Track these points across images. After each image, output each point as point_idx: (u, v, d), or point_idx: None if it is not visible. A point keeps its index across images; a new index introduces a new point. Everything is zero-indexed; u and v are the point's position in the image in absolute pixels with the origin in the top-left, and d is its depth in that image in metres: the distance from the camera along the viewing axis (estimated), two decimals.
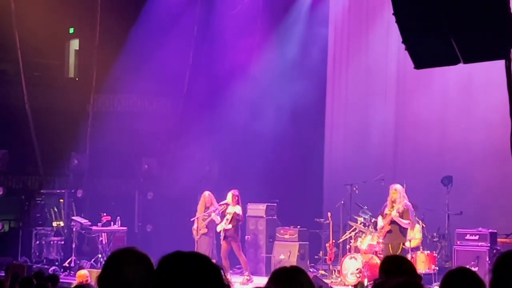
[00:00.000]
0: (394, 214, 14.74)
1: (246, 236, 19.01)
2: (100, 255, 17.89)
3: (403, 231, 14.93)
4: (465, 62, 9.35)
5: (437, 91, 19.23)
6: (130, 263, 3.46)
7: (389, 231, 14.99)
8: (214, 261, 2.84)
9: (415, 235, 16.03)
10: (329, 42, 21.54)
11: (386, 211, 15.03)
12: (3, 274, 11.14)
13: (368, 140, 20.22)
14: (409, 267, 5.26)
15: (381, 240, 15.54)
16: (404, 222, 14.77)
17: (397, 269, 5.01)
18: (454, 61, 9.28)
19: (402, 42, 9.78)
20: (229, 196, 16.75)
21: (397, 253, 14.36)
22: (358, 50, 21.00)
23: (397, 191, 14.96)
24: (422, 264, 15.36)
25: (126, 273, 3.42)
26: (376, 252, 15.70)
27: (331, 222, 17.63)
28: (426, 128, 19.32)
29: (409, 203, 14.94)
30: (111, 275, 3.46)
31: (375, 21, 20.38)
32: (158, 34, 20.57)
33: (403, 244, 14.95)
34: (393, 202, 14.91)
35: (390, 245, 14.86)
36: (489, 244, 15.74)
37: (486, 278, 4.18)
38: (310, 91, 20.68)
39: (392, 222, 14.85)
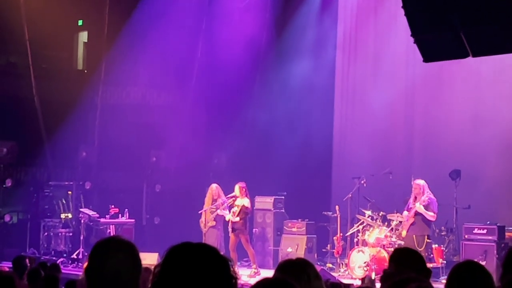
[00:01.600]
0: (418, 206, 14.90)
1: (254, 229, 19.03)
2: None
3: (427, 222, 15.08)
4: (474, 55, 9.35)
5: (446, 85, 19.19)
6: (115, 252, 3.47)
7: (413, 223, 15.15)
8: (222, 253, 2.84)
9: None
10: (338, 34, 21.48)
11: (411, 205, 15.20)
12: (11, 266, 11.16)
13: (376, 134, 20.19)
14: (419, 260, 5.24)
15: (388, 234, 15.61)
16: (429, 214, 14.94)
17: (407, 261, 5.00)
18: (463, 55, 9.27)
19: (411, 35, 9.78)
20: (237, 188, 16.77)
21: (422, 245, 14.58)
22: (366, 43, 20.96)
23: (418, 185, 15.14)
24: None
25: (110, 262, 3.43)
26: (383, 245, 15.72)
27: (338, 216, 17.63)
28: (435, 121, 19.28)
29: (433, 197, 15.08)
30: (96, 265, 3.48)
31: (383, 12, 20.33)
32: (166, 26, 20.54)
33: (428, 237, 15.04)
34: (416, 196, 15.09)
35: (414, 237, 14.96)
36: (497, 238, 15.74)
37: (494, 272, 4.17)
38: (318, 84, 20.67)
39: (416, 214, 15.03)
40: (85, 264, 3.61)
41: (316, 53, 21.10)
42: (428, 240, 15.07)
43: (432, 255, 15.44)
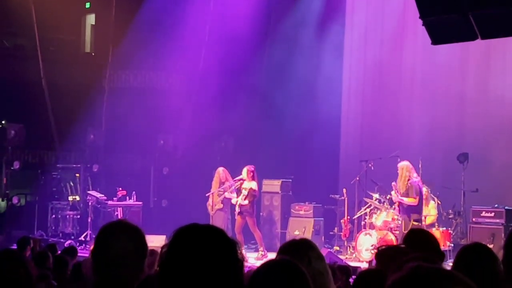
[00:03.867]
0: (394, 195, 14.79)
1: (261, 213, 19.05)
2: None
3: (409, 207, 14.79)
4: (483, 38, 9.32)
5: (455, 68, 19.11)
6: (120, 235, 3.54)
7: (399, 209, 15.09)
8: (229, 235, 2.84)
9: (430, 212, 16.00)
10: (346, 17, 21.39)
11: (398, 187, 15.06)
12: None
13: (384, 117, 20.16)
14: (433, 242, 5.22)
15: (396, 217, 15.59)
16: (405, 201, 14.69)
17: (420, 243, 4.97)
18: (471, 37, 9.24)
19: (420, 17, 9.74)
20: (244, 171, 16.76)
21: (407, 228, 14.35)
22: (375, 24, 20.87)
23: (401, 168, 14.90)
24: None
25: (116, 246, 3.50)
26: (391, 228, 15.71)
27: (346, 199, 17.62)
28: (443, 104, 19.23)
29: (415, 180, 14.80)
30: (102, 248, 3.55)
31: None
32: (174, 10, 20.50)
33: (414, 220, 14.80)
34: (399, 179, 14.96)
35: (402, 221, 14.86)
36: (504, 221, 15.72)
37: (500, 254, 4.15)
38: (327, 66, 20.61)
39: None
40: (92, 247, 3.65)
41: (325, 36, 20.97)
42: (414, 223, 14.77)
43: None
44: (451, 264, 4.53)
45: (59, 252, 10.90)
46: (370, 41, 20.96)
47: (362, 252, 15.88)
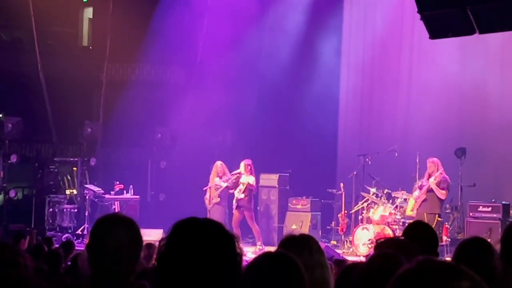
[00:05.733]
0: (432, 181, 14.76)
1: (258, 207, 19.04)
2: None
3: (439, 200, 14.87)
4: (481, 32, 9.32)
5: (453, 62, 19.10)
6: (116, 228, 3.54)
7: (424, 200, 14.99)
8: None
9: None
10: (345, 10, 21.38)
11: (424, 183, 15.03)
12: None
13: (382, 111, 20.15)
14: (433, 236, 5.17)
15: (393, 211, 15.60)
16: (441, 192, 14.77)
17: (419, 236, 4.93)
18: (469, 31, 9.25)
19: (418, 12, 9.75)
20: (242, 166, 16.76)
21: (432, 224, 14.31)
22: (373, 18, 20.84)
23: (433, 163, 14.98)
24: None
25: (111, 239, 3.51)
26: (388, 223, 15.73)
27: (343, 193, 17.62)
28: (440, 99, 19.22)
29: (446, 176, 14.93)
30: (98, 241, 3.55)
31: None
32: (171, 2, 20.47)
33: (439, 216, 14.86)
34: (430, 174, 14.93)
35: (425, 214, 14.68)
36: (501, 216, 15.72)
37: (497, 249, 4.13)
38: (324, 59, 20.59)
39: (428, 190, 14.88)
40: (87, 240, 3.67)
41: (322, 28, 20.92)
42: (439, 219, 14.87)
43: (442, 235, 15.27)
44: (449, 258, 4.52)
45: (57, 246, 10.91)
46: (368, 38, 20.93)
47: (359, 247, 15.88)
